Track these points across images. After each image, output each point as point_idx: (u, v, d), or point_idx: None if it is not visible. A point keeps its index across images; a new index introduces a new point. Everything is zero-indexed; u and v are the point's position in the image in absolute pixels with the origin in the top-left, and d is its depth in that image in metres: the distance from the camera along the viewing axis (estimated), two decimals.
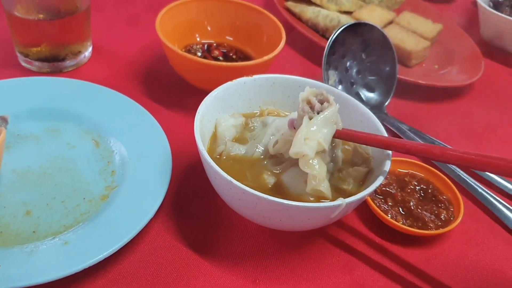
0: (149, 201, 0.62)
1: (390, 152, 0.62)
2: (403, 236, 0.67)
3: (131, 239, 0.59)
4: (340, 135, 0.61)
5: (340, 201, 0.54)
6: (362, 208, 0.69)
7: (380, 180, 0.58)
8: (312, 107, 0.61)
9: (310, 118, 0.60)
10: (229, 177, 0.55)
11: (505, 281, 0.64)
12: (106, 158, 0.70)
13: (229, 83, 0.69)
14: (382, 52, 0.89)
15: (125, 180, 0.66)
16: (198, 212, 0.66)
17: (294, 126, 0.62)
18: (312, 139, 0.58)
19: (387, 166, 0.60)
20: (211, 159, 0.57)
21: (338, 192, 0.62)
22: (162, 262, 0.60)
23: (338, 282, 0.61)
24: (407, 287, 0.61)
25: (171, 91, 0.86)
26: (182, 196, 0.68)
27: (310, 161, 0.58)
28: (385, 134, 0.64)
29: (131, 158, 0.69)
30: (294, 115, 0.70)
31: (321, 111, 0.61)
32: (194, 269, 0.60)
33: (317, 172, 0.58)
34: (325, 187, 0.59)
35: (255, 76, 0.71)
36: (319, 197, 0.60)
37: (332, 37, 0.84)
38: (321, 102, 0.61)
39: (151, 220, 0.62)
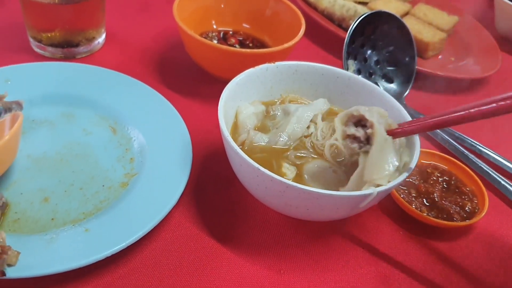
0: (170, 189, 0.61)
1: (418, 138, 0.60)
2: (427, 227, 0.65)
3: (153, 228, 0.57)
4: (396, 135, 0.57)
5: (371, 190, 0.53)
6: (386, 199, 0.68)
7: (412, 168, 0.57)
8: (356, 139, 0.57)
9: (365, 153, 0.56)
10: (256, 165, 0.53)
11: None
12: (124, 145, 0.69)
13: (251, 69, 0.67)
14: (401, 42, 0.88)
15: (144, 168, 0.65)
16: (219, 201, 0.65)
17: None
18: (382, 178, 0.54)
19: (417, 152, 0.59)
20: (237, 146, 0.55)
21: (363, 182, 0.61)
22: (184, 251, 0.58)
23: (363, 273, 0.59)
24: (432, 279, 0.60)
25: (187, 78, 0.84)
26: (202, 184, 0.67)
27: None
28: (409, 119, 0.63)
29: (150, 146, 0.67)
30: (319, 103, 0.69)
31: (369, 137, 0.56)
32: (217, 258, 0.58)
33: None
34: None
35: (278, 63, 0.69)
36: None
37: (353, 26, 0.82)
38: (360, 124, 0.57)
39: (172, 208, 0.60)
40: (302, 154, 0.63)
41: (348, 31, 0.82)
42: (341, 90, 0.71)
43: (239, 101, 0.67)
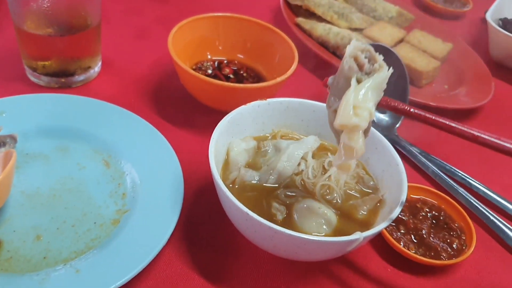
0: (161, 227, 0.61)
1: (405, 179, 0.61)
2: (416, 265, 0.66)
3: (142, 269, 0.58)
4: (385, 105, 0.55)
5: (358, 235, 0.54)
6: (376, 237, 0.69)
7: (398, 211, 0.57)
8: (360, 66, 0.53)
9: (359, 81, 0.52)
10: (245, 209, 0.54)
11: None
12: (116, 179, 0.69)
13: (242, 107, 0.68)
14: (394, 74, 0.88)
15: (136, 204, 0.65)
16: (210, 239, 0.66)
17: (328, 85, 0.55)
18: (363, 108, 0.51)
19: (404, 194, 0.59)
20: (227, 190, 0.56)
21: (351, 221, 0.62)
22: None
23: None
24: None
25: (181, 109, 0.85)
26: (194, 220, 0.67)
27: (358, 133, 0.52)
28: (400, 161, 0.64)
29: (142, 181, 0.68)
30: (310, 140, 0.70)
31: (370, 72, 0.53)
32: None
33: (358, 146, 0.52)
34: (354, 163, 0.55)
35: (269, 100, 0.70)
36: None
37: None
38: (369, 60, 0.54)
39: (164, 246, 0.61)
40: (292, 193, 0.64)
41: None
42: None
43: (231, 137, 0.68)
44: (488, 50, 1.19)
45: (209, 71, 0.88)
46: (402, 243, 0.66)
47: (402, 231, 0.68)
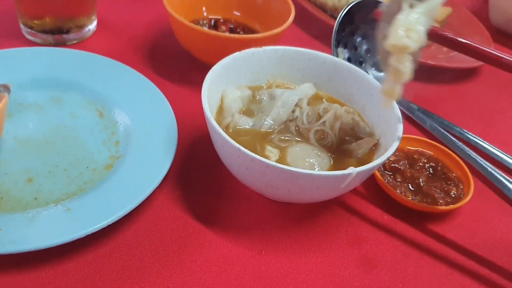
0: (154, 171, 0.61)
1: (400, 118, 0.60)
2: (413, 212, 0.65)
3: (136, 209, 0.58)
4: (435, 35, 0.55)
5: (351, 170, 0.53)
6: (371, 184, 0.68)
7: (391, 151, 0.57)
8: None
9: (411, 6, 0.52)
10: (237, 144, 0.53)
11: None
12: (110, 128, 0.69)
13: (237, 53, 0.67)
14: None
15: (129, 151, 0.65)
16: (204, 184, 0.65)
17: (381, 11, 0.55)
18: (414, 31, 0.51)
19: (400, 131, 0.59)
20: (219, 126, 0.55)
21: (346, 164, 0.61)
22: (166, 232, 0.59)
23: (346, 255, 0.59)
24: (416, 262, 0.60)
25: (176, 65, 0.85)
26: (188, 167, 0.67)
27: (405, 57, 0.52)
28: (395, 104, 0.63)
29: (136, 129, 0.68)
30: (305, 87, 0.69)
31: None
32: (199, 240, 0.58)
33: (405, 70, 0.53)
34: (399, 89, 0.56)
35: (264, 47, 0.69)
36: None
37: (342, 13, 0.82)
38: None
39: (156, 190, 0.61)
40: (286, 137, 0.63)
41: (337, 18, 0.82)
42: (328, 75, 0.71)
43: (225, 85, 0.67)
44: (488, 16, 1.18)
45: (205, 28, 0.87)
46: (398, 191, 0.65)
47: (399, 179, 0.68)
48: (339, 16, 0.82)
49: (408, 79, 0.53)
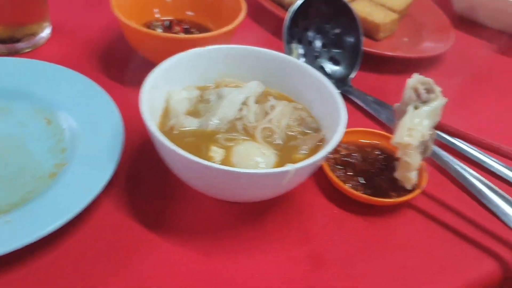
0: (97, 177, 0.60)
1: (344, 116, 0.60)
2: (364, 206, 0.65)
3: (80, 217, 0.57)
4: (441, 128, 0.64)
5: (289, 167, 0.52)
6: (322, 179, 0.67)
7: (332, 145, 0.56)
8: (418, 95, 0.63)
9: (416, 108, 0.62)
10: (173, 146, 0.52)
11: (470, 248, 0.62)
12: (57, 135, 0.68)
13: (181, 54, 0.66)
14: (347, 24, 0.87)
15: (75, 157, 0.64)
16: (151, 188, 0.64)
17: (394, 110, 0.65)
18: (417, 130, 0.60)
19: (342, 126, 0.58)
20: (155, 128, 0.54)
21: (292, 160, 0.60)
22: (112, 239, 0.58)
23: (294, 253, 0.59)
24: (366, 257, 0.60)
25: (130, 69, 0.84)
26: (136, 171, 0.66)
27: (410, 151, 0.60)
28: (339, 98, 0.62)
29: (82, 136, 0.66)
30: (253, 85, 0.68)
31: (427, 101, 0.62)
32: (145, 245, 0.58)
33: (413, 161, 0.61)
34: (414, 175, 0.63)
35: (209, 47, 0.68)
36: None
37: (294, 8, 0.82)
38: (427, 91, 0.63)
39: (102, 196, 0.61)
40: (233, 137, 0.63)
41: (288, 14, 0.82)
42: (276, 73, 0.70)
43: (170, 86, 0.66)
44: (450, 5, 1.18)
45: (159, 31, 0.86)
46: (348, 185, 0.65)
47: (350, 173, 0.67)
48: (290, 12, 0.82)
49: (415, 168, 0.62)
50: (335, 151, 0.69)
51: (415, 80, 0.63)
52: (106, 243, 0.57)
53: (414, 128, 0.60)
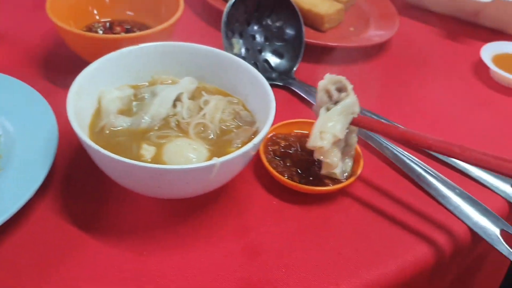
0: (30, 182, 0.59)
1: (273, 108, 0.60)
2: (304, 196, 0.65)
3: (13, 222, 0.57)
4: (357, 123, 0.63)
5: (214, 160, 0.52)
6: (262, 172, 0.67)
7: (260, 137, 0.56)
8: (330, 97, 0.63)
9: (328, 109, 0.62)
10: (94, 145, 0.52)
11: (405, 233, 0.63)
12: None
13: (111, 53, 0.66)
14: (288, 16, 0.88)
15: (9, 163, 0.63)
16: (87, 190, 0.64)
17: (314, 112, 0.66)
18: (327, 133, 0.60)
19: (269, 122, 0.58)
20: (78, 129, 0.54)
21: (225, 154, 0.60)
22: (46, 243, 0.57)
23: (230, 247, 0.59)
24: (302, 246, 0.60)
25: (71, 73, 0.83)
26: (71, 175, 0.66)
27: (326, 152, 0.61)
28: (269, 90, 0.62)
29: (18, 142, 0.66)
30: (185, 81, 0.68)
31: (339, 101, 0.62)
32: (79, 247, 0.57)
33: (331, 160, 0.62)
34: (338, 171, 0.64)
35: (142, 45, 0.68)
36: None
37: (230, 3, 0.82)
38: (340, 91, 0.63)
39: (37, 201, 0.61)
40: (166, 134, 0.62)
41: (225, 9, 0.81)
42: (211, 68, 0.70)
43: (103, 86, 0.66)
44: None
45: (100, 32, 0.86)
46: (286, 176, 0.65)
47: (288, 164, 0.67)
48: (227, 7, 0.82)
49: (335, 167, 0.63)
50: (275, 143, 0.69)
51: (325, 81, 0.64)
52: (40, 247, 0.57)
53: (325, 131, 0.61)
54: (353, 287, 0.56)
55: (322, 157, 0.62)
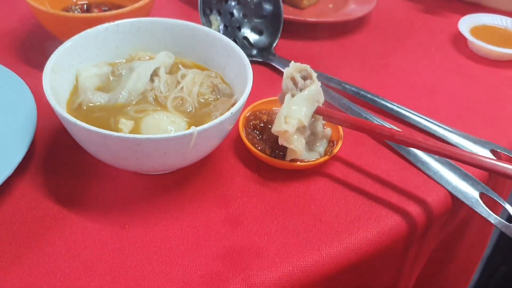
0: (9, 161, 0.59)
1: (250, 78, 0.60)
2: (285, 173, 0.65)
3: None
4: (320, 112, 0.63)
5: (192, 129, 0.52)
6: (242, 146, 0.68)
7: (237, 107, 0.56)
8: (295, 84, 0.63)
9: (293, 95, 0.62)
10: (71, 118, 0.52)
11: (387, 197, 0.63)
12: None
13: (87, 30, 0.66)
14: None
15: None
16: (68, 167, 0.64)
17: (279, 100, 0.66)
18: (292, 118, 0.60)
19: (247, 92, 0.58)
20: (55, 103, 0.54)
21: None
22: (26, 220, 0.57)
23: (211, 217, 0.59)
24: (283, 214, 0.60)
25: (49, 55, 0.82)
26: (52, 152, 0.66)
27: (290, 137, 0.61)
28: (250, 72, 0.62)
29: None
30: (162, 56, 0.68)
31: (304, 88, 0.62)
32: (60, 223, 0.57)
33: (295, 146, 0.61)
34: (304, 156, 0.64)
35: (118, 22, 0.68)
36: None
37: None
38: (305, 79, 0.63)
39: (17, 179, 0.61)
40: (143, 108, 0.62)
41: None
42: (188, 42, 0.70)
43: (79, 64, 0.65)
44: None
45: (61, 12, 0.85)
46: (259, 148, 0.65)
47: (264, 138, 0.67)
48: None
49: (300, 152, 0.62)
50: (257, 117, 0.70)
51: (291, 69, 0.64)
52: (19, 226, 0.57)
53: (290, 116, 0.60)
54: (334, 252, 0.56)
55: (286, 142, 0.61)
